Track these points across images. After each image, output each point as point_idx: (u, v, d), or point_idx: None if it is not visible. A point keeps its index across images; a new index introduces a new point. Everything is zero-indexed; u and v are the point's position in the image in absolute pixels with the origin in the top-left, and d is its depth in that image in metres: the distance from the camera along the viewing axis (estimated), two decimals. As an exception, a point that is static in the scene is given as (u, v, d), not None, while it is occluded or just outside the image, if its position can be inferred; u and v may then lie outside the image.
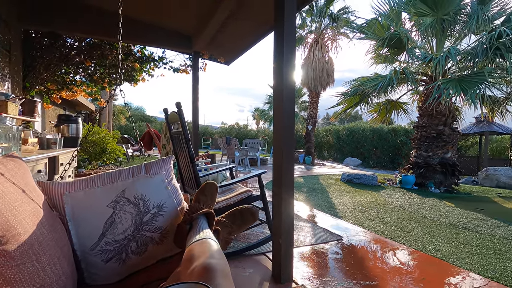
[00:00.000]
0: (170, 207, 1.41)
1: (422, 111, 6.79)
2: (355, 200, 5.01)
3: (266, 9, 3.34)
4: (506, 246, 3.02)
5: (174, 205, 1.44)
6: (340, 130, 17.25)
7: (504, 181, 8.31)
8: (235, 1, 3.18)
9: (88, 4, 3.70)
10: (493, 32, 5.36)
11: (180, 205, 1.52)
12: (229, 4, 3.26)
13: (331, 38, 11.93)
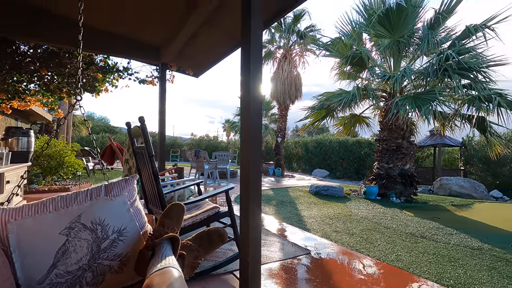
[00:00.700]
0: (131, 231, 1.33)
1: (383, 125, 7.23)
2: (322, 212, 5.12)
3: (234, 25, 3.39)
4: (459, 253, 3.25)
5: (136, 229, 1.36)
6: (309, 142, 17.75)
7: (456, 190, 9.05)
8: (203, 16, 3.19)
9: (45, 9, 3.49)
10: (441, 55, 5.93)
11: (143, 228, 1.44)
12: (198, 18, 3.26)
13: (299, 54, 12.41)
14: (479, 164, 11.27)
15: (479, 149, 10.90)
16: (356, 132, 8.98)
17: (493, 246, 3.50)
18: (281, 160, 12.73)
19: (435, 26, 6.68)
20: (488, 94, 5.72)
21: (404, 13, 6.28)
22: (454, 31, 6.78)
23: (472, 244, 3.57)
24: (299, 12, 11.45)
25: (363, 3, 7.12)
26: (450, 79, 5.95)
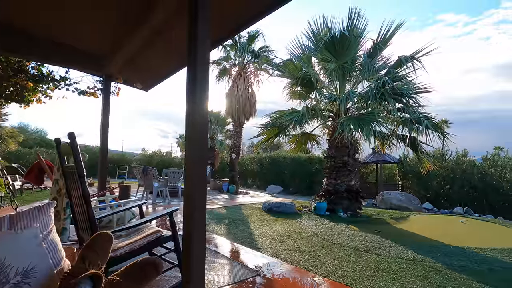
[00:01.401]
0: (42, 271, 1.13)
1: (330, 143, 7.65)
2: (274, 230, 5.12)
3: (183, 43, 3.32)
4: (397, 265, 3.47)
5: (48, 267, 1.16)
6: (263, 158, 18.00)
7: (395, 203, 9.85)
8: (151, 31, 3.08)
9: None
10: (379, 80, 6.57)
11: (58, 265, 1.24)
12: (145, 33, 3.14)
13: (254, 73, 12.73)
14: (413, 179, 12.51)
15: (413, 166, 12.13)
16: (308, 149, 9.34)
17: (425, 256, 3.81)
18: (236, 177, 12.64)
19: (373, 55, 7.41)
20: (417, 117, 6.43)
21: (347, 41, 6.87)
22: (389, 60, 7.60)
23: (408, 255, 3.84)
24: (253, 33, 11.86)
25: (312, 30, 7.64)
26: (387, 103, 6.57)
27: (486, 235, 5.54)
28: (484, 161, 11.01)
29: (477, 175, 10.62)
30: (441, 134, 6.44)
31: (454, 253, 4.04)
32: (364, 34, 7.33)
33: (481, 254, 4.04)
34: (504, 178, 10.21)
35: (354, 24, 7.02)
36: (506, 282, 3.09)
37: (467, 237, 5.16)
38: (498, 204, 10.05)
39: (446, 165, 11.34)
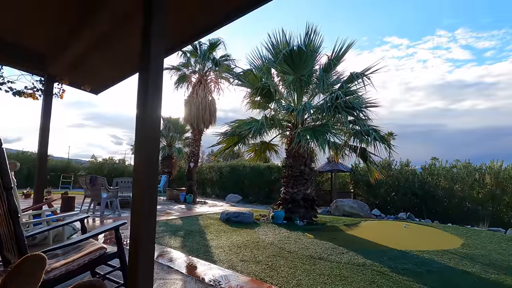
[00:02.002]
0: None
1: (288, 153, 7.84)
2: (231, 241, 5.02)
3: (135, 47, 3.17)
4: (348, 271, 3.61)
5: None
6: (223, 167, 17.81)
7: (347, 210, 10.37)
8: (98, 33, 2.88)
9: None
10: (333, 94, 6.95)
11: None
12: (94, 34, 2.92)
13: (214, 81, 12.65)
14: (364, 187, 13.35)
15: (363, 174, 12.96)
16: (268, 157, 9.45)
17: (374, 261, 4.04)
18: (194, 186, 12.28)
19: (328, 70, 7.85)
20: (367, 129, 6.91)
21: (304, 56, 7.18)
22: (342, 76, 8.12)
23: (358, 261, 4.03)
24: (214, 41, 11.83)
25: (271, 42, 7.86)
26: (340, 115, 6.97)
27: (425, 238, 6.07)
28: (423, 170, 12.19)
29: (418, 183, 11.69)
30: (387, 145, 6.98)
31: (398, 256, 4.35)
32: (320, 49, 7.75)
33: (420, 256, 4.40)
34: (439, 185, 11.39)
35: (311, 40, 7.38)
36: (442, 282, 3.39)
37: (410, 241, 5.60)
38: (435, 209, 11.15)
39: (391, 174, 12.31)
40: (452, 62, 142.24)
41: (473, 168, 11.16)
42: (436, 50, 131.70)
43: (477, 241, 5.63)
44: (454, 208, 10.81)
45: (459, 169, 11.44)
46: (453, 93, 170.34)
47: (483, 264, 4.12)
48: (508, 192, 10.07)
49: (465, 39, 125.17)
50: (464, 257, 4.46)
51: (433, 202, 11.23)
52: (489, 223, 9.40)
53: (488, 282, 3.45)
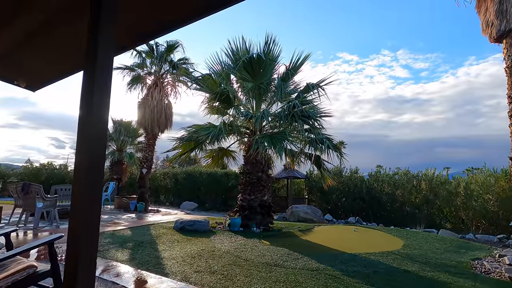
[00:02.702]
0: None
1: (246, 159, 7.84)
2: (185, 251, 4.80)
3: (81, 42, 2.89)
4: (303, 277, 3.67)
5: None
6: (179, 173, 17.17)
7: (302, 216, 10.67)
8: (39, 22, 2.56)
9: None
10: (290, 103, 7.16)
11: None
12: (31, 23, 2.59)
13: (171, 84, 12.22)
14: (318, 193, 13.92)
15: (317, 181, 13.52)
16: (226, 164, 9.34)
17: (326, 265, 4.17)
18: (146, 193, 11.59)
19: (286, 79, 8.09)
20: (321, 138, 7.23)
21: (263, 64, 7.31)
22: (299, 86, 8.42)
23: (312, 266, 4.13)
24: (172, 43, 11.47)
25: (231, 48, 7.86)
26: (296, 123, 7.18)
27: (372, 241, 6.49)
28: (370, 177, 13.14)
29: (365, 189, 12.54)
30: (339, 153, 7.38)
31: (349, 259, 4.56)
32: (279, 59, 7.96)
33: (368, 258, 4.68)
34: (383, 191, 12.37)
35: (270, 49, 7.55)
36: (387, 282, 3.62)
37: (359, 244, 5.93)
38: (380, 213, 12.05)
39: (342, 180, 13.04)
40: (394, 79, 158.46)
41: (411, 175, 12.34)
42: (381, 67, 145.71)
43: (415, 242, 6.18)
44: (396, 211, 11.79)
45: (400, 176, 12.55)
46: (395, 107, 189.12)
47: (421, 263, 4.52)
48: (439, 196, 11.31)
49: (404, 59, 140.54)
50: (405, 257, 4.85)
51: (378, 206, 12.13)
52: (424, 225, 10.43)
53: (425, 280, 3.78)
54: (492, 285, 3.68)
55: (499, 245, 7.16)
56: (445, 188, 11.22)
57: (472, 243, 6.79)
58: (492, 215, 9.63)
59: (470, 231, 9.67)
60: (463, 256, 5.15)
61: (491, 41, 8.40)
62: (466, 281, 3.77)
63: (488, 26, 8.28)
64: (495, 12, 7.94)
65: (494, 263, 4.74)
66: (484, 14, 8.37)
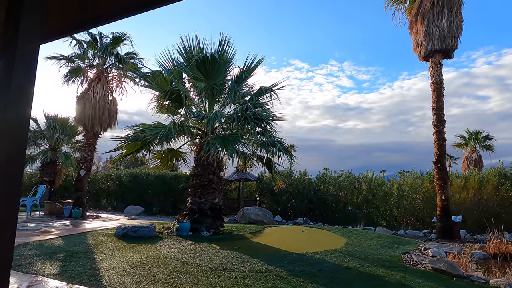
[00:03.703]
0: None
1: (197, 161, 7.61)
2: (127, 259, 4.44)
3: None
4: (252, 280, 3.65)
5: None
6: (123, 175, 15.99)
7: (253, 218, 10.74)
8: None
9: None
10: (243, 105, 7.16)
11: None
12: None
13: (117, 79, 11.33)
14: (269, 195, 14.19)
15: (268, 183, 13.76)
16: (176, 165, 8.95)
17: (275, 266, 4.22)
18: (84, 198, 10.52)
19: (240, 81, 8.08)
20: (272, 140, 7.37)
21: (217, 64, 7.20)
22: (253, 88, 8.48)
23: (261, 268, 4.15)
24: (119, 35, 10.65)
25: (184, 46, 7.59)
26: (249, 126, 7.21)
27: (318, 240, 6.80)
28: (318, 179, 13.84)
29: (313, 191, 13.17)
30: (289, 156, 7.60)
31: (296, 259, 4.69)
32: (233, 61, 7.91)
33: (314, 257, 4.87)
34: (329, 192, 13.13)
35: (224, 50, 7.46)
36: (331, 279, 3.80)
37: (306, 244, 6.15)
38: (325, 213, 12.75)
39: (292, 182, 13.50)
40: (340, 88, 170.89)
41: (353, 177, 13.33)
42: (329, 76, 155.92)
43: (356, 240, 6.65)
44: (340, 211, 12.60)
45: (344, 178, 13.46)
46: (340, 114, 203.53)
47: (361, 259, 4.86)
48: (377, 197, 12.41)
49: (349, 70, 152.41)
50: (347, 254, 5.18)
51: (325, 207, 12.83)
52: (364, 223, 11.33)
53: (364, 275, 4.07)
54: (418, 276, 4.11)
55: (424, 239, 8.10)
56: (382, 189, 12.36)
57: (403, 238, 7.56)
58: (419, 212, 10.88)
59: (401, 227, 10.78)
60: (395, 250, 5.69)
61: (420, 59, 9.56)
62: (398, 273, 4.16)
63: (418, 45, 9.39)
64: (423, 34, 9.05)
65: (420, 256, 5.33)
66: (415, 35, 9.48)
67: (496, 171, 10.39)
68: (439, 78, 8.95)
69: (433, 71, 9.07)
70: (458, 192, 9.72)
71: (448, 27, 8.63)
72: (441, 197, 8.46)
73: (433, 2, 8.77)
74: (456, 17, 8.78)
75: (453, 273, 4.12)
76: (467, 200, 9.53)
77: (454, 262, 4.39)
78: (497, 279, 3.90)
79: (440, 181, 8.55)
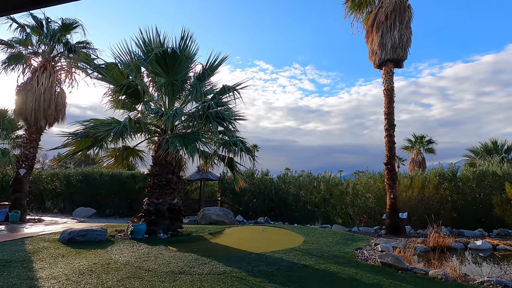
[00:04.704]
0: None
1: (155, 160, 7.26)
2: (72, 267, 4.06)
3: None
4: (209, 282, 3.56)
5: None
6: (72, 175, 14.72)
7: (214, 218, 10.58)
8: None
9: None
10: (205, 103, 6.99)
11: None
12: None
13: (66, 69, 10.39)
14: (230, 195, 14.09)
15: (230, 183, 13.68)
16: (133, 164, 8.46)
17: (233, 267, 4.17)
18: (23, 199, 9.46)
19: (202, 79, 7.88)
20: (235, 140, 7.31)
21: (178, 60, 6.93)
22: (216, 87, 8.31)
23: (219, 269, 4.07)
24: (70, 22, 9.76)
25: (143, 39, 7.19)
26: (211, 125, 7.06)
27: (278, 239, 6.90)
28: (279, 179, 14.08)
29: (274, 190, 13.37)
30: (251, 156, 7.60)
31: (255, 259, 4.69)
32: (195, 57, 7.69)
33: (273, 257, 4.92)
34: (289, 192, 13.44)
35: (186, 45, 7.21)
36: (288, 277, 3.85)
37: (265, 243, 6.19)
38: (286, 212, 13.03)
39: (254, 182, 13.56)
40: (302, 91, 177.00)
41: (313, 177, 13.81)
42: (292, 79, 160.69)
43: (314, 237, 6.87)
44: (299, 210, 12.96)
45: (304, 178, 13.87)
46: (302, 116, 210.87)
47: (317, 257, 5.02)
48: (334, 196, 13.00)
49: (311, 74, 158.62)
50: (305, 252, 5.31)
51: (285, 206, 13.10)
52: (321, 221, 11.79)
53: (320, 271, 4.20)
54: (368, 270, 4.36)
55: (375, 235, 8.67)
56: (338, 189, 12.97)
57: (356, 235, 8.00)
58: (371, 210, 11.62)
59: (355, 224, 11.42)
60: (349, 247, 5.98)
61: (375, 67, 10.22)
62: (351, 269, 4.36)
63: (373, 54, 10.03)
64: (378, 44, 9.68)
65: (371, 251, 5.67)
66: (371, 44, 10.10)
67: (437, 172, 11.52)
68: (390, 86, 9.65)
69: (386, 78, 9.75)
70: (405, 191, 10.56)
71: (399, 38, 9.33)
72: (390, 195, 9.13)
73: (387, 15, 9.43)
74: (406, 30, 9.53)
75: (399, 266, 4.44)
76: (412, 198, 10.39)
77: (400, 256, 4.74)
78: (435, 270, 4.28)
79: (390, 181, 9.22)
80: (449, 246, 6.35)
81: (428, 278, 4.10)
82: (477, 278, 4.06)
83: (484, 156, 17.10)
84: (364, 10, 10.84)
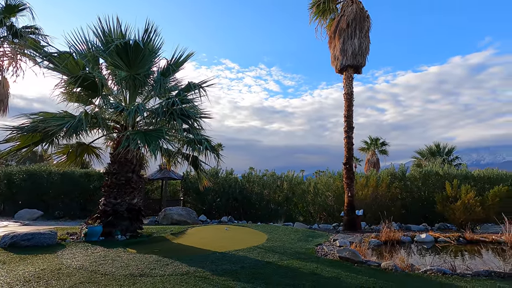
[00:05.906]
0: None
1: (113, 158, 6.85)
2: (16, 274, 3.68)
3: None
4: (172, 283, 3.46)
5: None
6: (15, 173, 13.30)
7: (176, 218, 10.29)
8: None
9: None
10: (169, 99, 6.76)
11: None
12: None
13: (11, 56, 9.34)
14: (193, 194, 13.81)
15: (194, 182, 13.41)
16: (88, 162, 7.88)
17: (197, 267, 4.11)
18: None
19: (167, 74, 7.62)
20: (200, 138, 7.19)
21: (141, 53, 6.62)
22: (181, 83, 8.10)
23: (182, 270, 3.98)
24: (15, 3, 8.79)
25: (102, 28, 6.73)
26: (175, 122, 6.86)
27: (242, 238, 6.92)
28: (243, 178, 14.13)
29: (238, 189, 13.39)
30: (216, 155, 7.54)
31: (219, 258, 4.66)
32: (160, 52, 7.39)
33: (237, 255, 4.94)
34: (253, 191, 13.56)
35: (150, 38, 6.90)
36: (252, 275, 3.90)
37: (229, 242, 6.18)
38: (250, 211, 13.12)
39: (218, 181, 13.45)
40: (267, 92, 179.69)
41: (276, 176, 14.09)
42: (258, 79, 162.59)
43: (277, 235, 7.02)
44: (263, 209, 13.14)
45: (267, 177, 14.09)
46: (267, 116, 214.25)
47: (280, 254, 5.15)
48: (296, 194, 13.41)
49: (277, 75, 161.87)
50: (268, 250, 5.41)
51: (249, 205, 13.19)
52: (284, 219, 12.08)
53: (283, 268, 4.32)
54: (328, 264, 4.59)
55: (334, 232, 9.13)
56: (300, 187, 13.41)
57: (317, 231, 8.34)
58: (330, 208, 12.19)
59: (315, 222, 11.90)
60: (310, 243, 6.23)
61: (336, 71, 10.74)
62: (312, 264, 4.55)
63: (335, 59, 10.53)
64: (340, 50, 10.19)
65: (330, 247, 5.97)
66: (333, 49, 10.60)
67: (389, 172, 12.48)
68: (350, 90, 10.21)
69: (346, 83, 10.31)
70: (361, 189, 11.25)
71: (359, 46, 9.92)
72: (348, 194, 9.67)
73: (348, 23, 9.96)
74: (365, 39, 10.16)
75: (355, 260, 4.74)
76: (367, 196, 11.11)
77: (356, 250, 5.05)
78: (386, 262, 4.65)
79: (348, 180, 9.76)
80: (399, 239, 6.91)
81: (381, 270, 4.44)
82: (421, 267, 4.50)
83: (429, 158, 18.92)
84: (328, 16, 11.35)
